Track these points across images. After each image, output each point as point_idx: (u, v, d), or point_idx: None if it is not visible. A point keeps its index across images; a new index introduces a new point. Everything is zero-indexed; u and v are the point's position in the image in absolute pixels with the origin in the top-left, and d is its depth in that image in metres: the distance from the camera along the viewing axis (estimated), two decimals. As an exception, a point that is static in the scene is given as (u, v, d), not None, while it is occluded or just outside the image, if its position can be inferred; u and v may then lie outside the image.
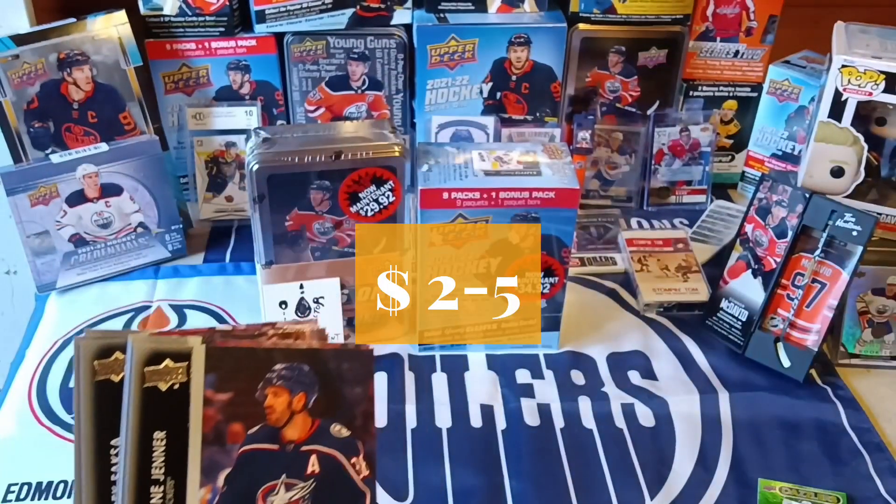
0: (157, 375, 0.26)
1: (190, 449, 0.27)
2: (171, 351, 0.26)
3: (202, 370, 0.27)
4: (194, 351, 0.27)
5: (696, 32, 1.03)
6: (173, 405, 0.27)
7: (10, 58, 0.84)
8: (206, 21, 0.95)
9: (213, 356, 0.27)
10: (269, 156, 0.72)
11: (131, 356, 0.26)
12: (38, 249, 0.87)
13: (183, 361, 0.27)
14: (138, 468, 0.26)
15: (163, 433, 0.27)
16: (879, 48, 0.82)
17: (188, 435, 0.27)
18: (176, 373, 0.26)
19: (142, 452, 0.26)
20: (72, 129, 0.89)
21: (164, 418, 0.27)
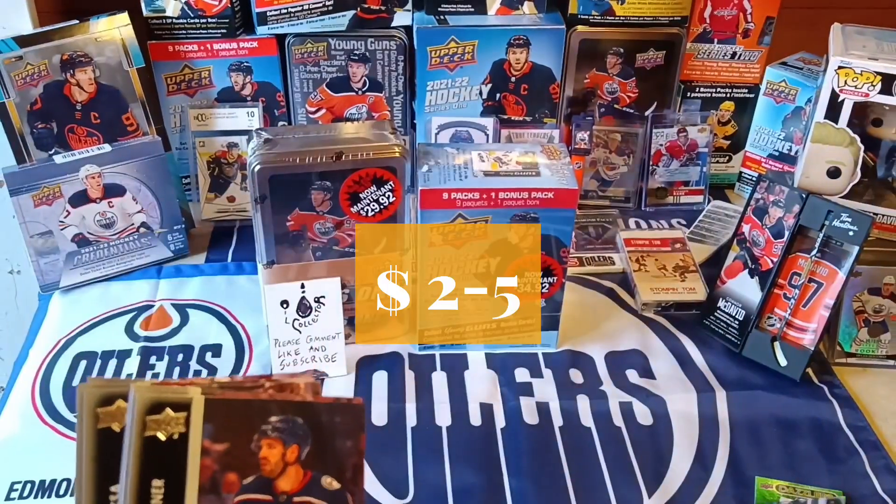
0: (157, 425, 0.27)
1: (187, 498, 0.28)
2: (172, 401, 0.27)
3: (201, 420, 0.28)
4: (194, 401, 0.27)
5: (693, 34, 1.04)
6: (172, 454, 0.27)
7: (14, 59, 0.85)
8: (208, 23, 0.95)
9: (211, 407, 0.28)
10: (270, 156, 0.73)
11: (133, 405, 0.27)
12: (42, 249, 0.87)
13: (183, 411, 0.28)
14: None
15: (161, 481, 0.27)
16: (876, 49, 0.83)
17: (185, 483, 0.28)
18: (176, 422, 0.27)
19: (140, 500, 0.27)
20: (75, 130, 0.90)
21: (162, 467, 0.27)
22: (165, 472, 0.27)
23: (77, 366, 0.80)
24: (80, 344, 0.83)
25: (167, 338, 0.84)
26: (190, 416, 0.27)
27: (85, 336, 0.84)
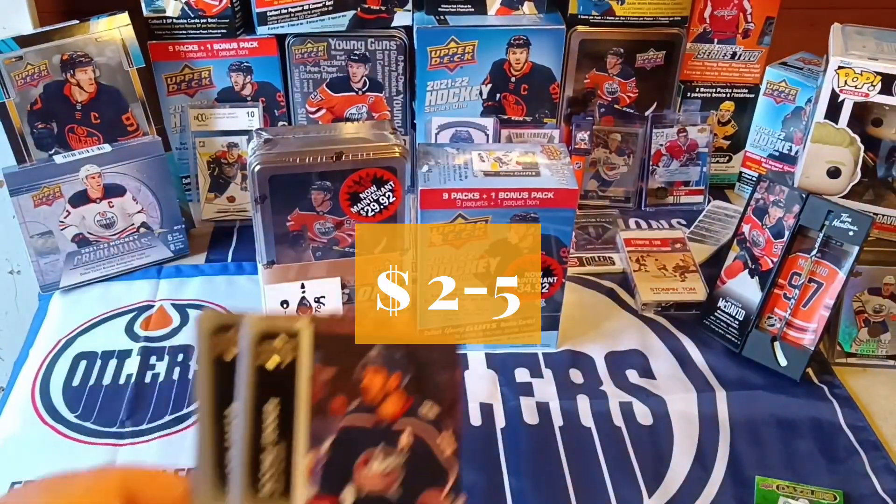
0: (269, 353, 0.30)
1: (298, 419, 0.30)
2: (282, 331, 0.30)
3: (309, 350, 0.30)
4: (302, 332, 0.30)
5: (693, 34, 1.04)
6: (283, 380, 0.30)
7: (14, 59, 0.85)
8: (208, 23, 0.95)
9: (318, 338, 0.30)
10: (270, 156, 0.73)
11: (246, 334, 0.30)
12: (42, 249, 0.87)
13: (292, 340, 0.30)
14: (252, 435, 0.29)
15: (275, 402, 0.30)
16: (876, 49, 0.83)
17: (296, 407, 0.30)
18: (286, 351, 0.30)
19: (255, 421, 0.30)
20: (75, 130, 0.90)
21: (275, 391, 0.30)
22: (278, 396, 0.30)
23: (77, 366, 0.80)
24: (80, 344, 0.83)
25: (167, 338, 0.84)
26: (299, 345, 0.30)
27: (85, 336, 0.84)
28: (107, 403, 0.76)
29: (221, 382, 0.30)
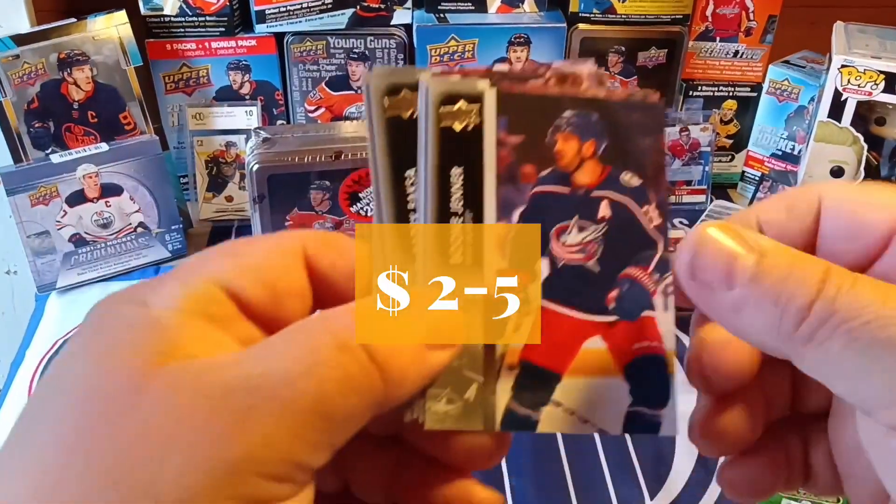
0: (452, 116, 0.28)
1: (485, 186, 0.28)
2: (464, 93, 0.28)
3: (494, 113, 0.28)
4: (486, 94, 0.27)
5: (695, 32, 1.03)
6: (468, 144, 0.28)
7: (11, 58, 0.84)
8: (206, 21, 0.95)
9: (504, 100, 0.28)
10: (269, 156, 0.72)
11: (426, 96, 0.28)
12: (39, 249, 0.87)
13: (475, 103, 0.28)
14: (438, 202, 0.28)
15: (460, 170, 0.28)
16: (879, 48, 0.82)
17: (483, 173, 0.28)
18: (469, 114, 0.28)
19: (441, 187, 0.28)
20: (72, 129, 0.89)
21: (459, 156, 0.28)
22: (463, 161, 0.28)
23: (74, 367, 0.80)
24: (77, 345, 0.82)
25: (165, 338, 0.83)
26: (483, 108, 0.28)
27: (82, 337, 0.83)
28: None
29: (399, 143, 0.28)
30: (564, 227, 0.29)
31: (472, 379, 0.28)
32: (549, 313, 0.29)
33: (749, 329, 0.25)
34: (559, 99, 0.28)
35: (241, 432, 0.22)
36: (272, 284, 0.27)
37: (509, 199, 0.28)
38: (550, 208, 0.29)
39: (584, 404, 0.28)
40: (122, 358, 0.23)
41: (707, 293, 0.26)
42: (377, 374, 0.24)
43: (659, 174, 0.29)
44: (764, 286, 0.24)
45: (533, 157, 0.28)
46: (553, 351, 0.29)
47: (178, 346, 0.23)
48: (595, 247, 0.29)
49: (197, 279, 0.26)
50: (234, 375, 0.23)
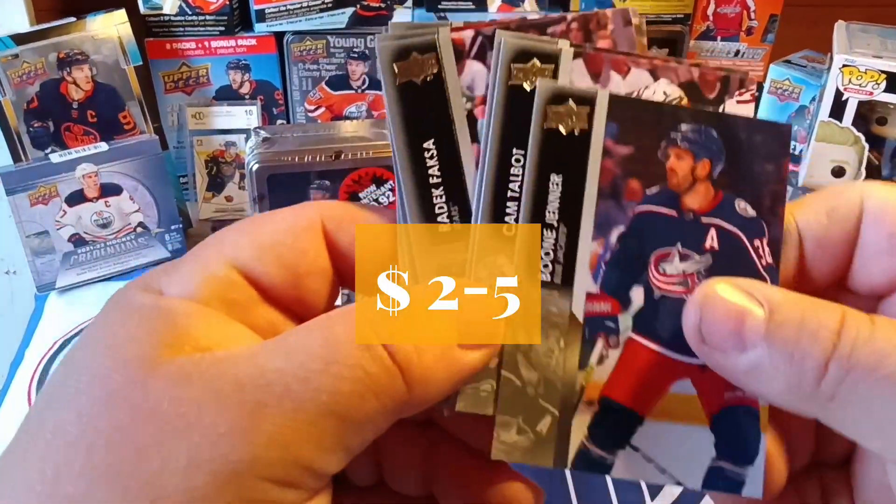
0: (559, 117, 0.25)
1: (585, 201, 0.25)
2: (573, 94, 0.25)
3: (604, 119, 0.25)
4: (598, 97, 0.25)
5: (696, 32, 1.03)
6: (572, 151, 0.25)
7: (10, 57, 0.84)
8: (205, 20, 0.94)
9: (616, 105, 0.25)
10: (268, 155, 0.72)
11: (539, 94, 0.25)
12: (38, 249, 0.87)
13: (585, 105, 0.25)
14: (533, 210, 0.25)
15: (559, 178, 0.25)
16: (880, 47, 0.82)
17: (584, 183, 0.25)
18: (578, 117, 0.25)
19: (537, 195, 0.25)
20: (71, 129, 0.89)
21: (561, 163, 0.25)
22: (564, 169, 0.25)
23: (73, 367, 0.79)
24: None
25: (164, 339, 0.83)
26: (594, 113, 0.25)
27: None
28: (103, 405, 0.75)
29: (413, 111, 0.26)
30: (666, 254, 0.26)
31: (547, 410, 0.26)
32: (637, 347, 0.26)
33: (768, 390, 0.23)
34: (677, 110, 0.26)
35: (249, 431, 0.20)
36: (293, 265, 0.25)
37: (610, 217, 0.26)
38: (654, 231, 0.26)
39: (664, 453, 0.26)
40: (129, 350, 0.22)
41: (720, 356, 0.24)
42: (399, 374, 0.22)
43: (777, 205, 0.26)
44: (777, 344, 0.23)
45: (641, 171, 0.26)
46: (638, 390, 0.26)
47: (188, 337, 0.22)
48: (697, 280, 0.26)
49: (214, 262, 0.25)
50: (246, 369, 0.21)
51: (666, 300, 0.26)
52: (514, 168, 0.26)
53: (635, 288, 0.26)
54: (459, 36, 0.27)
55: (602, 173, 0.26)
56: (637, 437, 0.26)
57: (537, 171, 0.25)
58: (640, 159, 0.26)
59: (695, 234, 0.26)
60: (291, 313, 0.26)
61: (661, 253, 0.26)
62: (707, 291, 0.24)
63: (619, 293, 0.26)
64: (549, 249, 0.26)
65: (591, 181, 0.26)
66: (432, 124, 0.27)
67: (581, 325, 0.26)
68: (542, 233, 0.26)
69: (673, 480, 0.26)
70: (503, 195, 0.26)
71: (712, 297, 0.24)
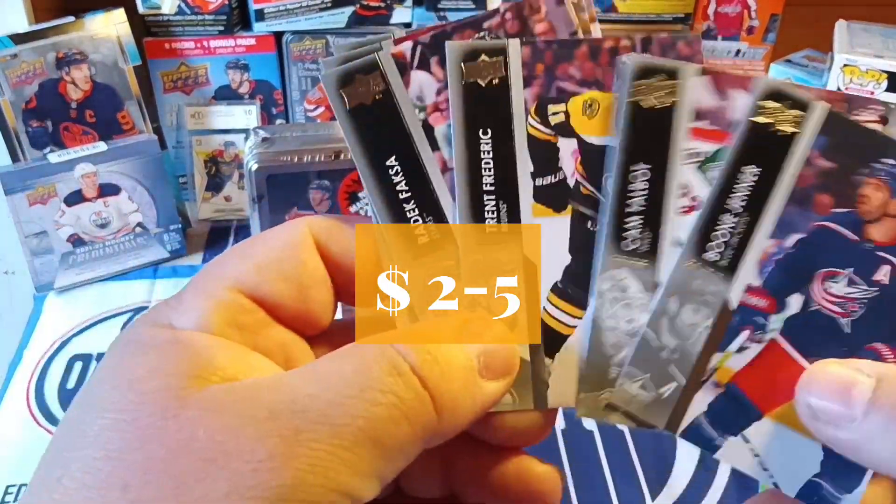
0: (773, 114, 0.27)
1: (773, 198, 0.26)
2: (790, 97, 0.26)
3: (815, 129, 0.26)
4: (813, 108, 0.26)
5: (697, 31, 1.03)
6: (773, 147, 0.26)
7: (9, 57, 0.84)
8: (204, 20, 0.94)
9: (832, 121, 0.26)
10: (268, 155, 0.72)
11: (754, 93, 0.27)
12: (37, 249, 0.86)
13: (798, 110, 0.26)
14: (719, 196, 0.27)
15: (757, 171, 0.26)
16: (881, 47, 0.82)
17: (777, 182, 0.27)
18: (788, 119, 0.27)
19: (727, 183, 0.27)
20: (70, 129, 0.89)
21: (760, 156, 0.26)
22: (762, 164, 0.27)
23: (72, 368, 0.79)
24: (75, 345, 0.82)
25: (163, 339, 0.83)
26: (804, 120, 0.26)
27: (80, 337, 0.83)
28: (102, 406, 0.75)
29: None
30: (835, 273, 0.27)
31: (674, 377, 0.27)
32: (779, 350, 0.27)
33: (878, 459, 0.24)
34: (889, 143, 0.26)
35: (289, 457, 0.20)
36: (296, 278, 0.26)
37: (792, 221, 0.27)
38: (829, 248, 0.27)
39: (772, 452, 0.27)
40: (153, 384, 0.22)
41: (831, 429, 0.24)
42: (430, 401, 0.23)
43: None
44: (884, 409, 0.23)
45: (835, 189, 0.27)
46: (766, 388, 0.27)
47: (212, 367, 0.22)
48: (856, 307, 0.27)
49: (219, 288, 0.25)
50: (280, 396, 0.21)
51: (819, 315, 0.27)
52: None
53: (795, 294, 0.27)
54: (399, 50, 0.27)
55: (799, 179, 0.26)
56: (751, 430, 0.27)
57: (736, 158, 0.26)
58: (838, 178, 0.26)
59: (868, 264, 0.27)
60: (298, 331, 0.27)
61: (830, 270, 0.27)
62: (816, 368, 0.25)
63: (778, 294, 0.27)
64: (725, 232, 0.27)
65: (785, 183, 0.26)
66: (391, 141, 0.27)
67: (732, 311, 0.27)
68: (721, 216, 0.27)
69: (771, 481, 0.27)
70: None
71: (822, 371, 0.25)
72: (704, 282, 0.27)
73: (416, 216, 0.28)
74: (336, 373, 0.22)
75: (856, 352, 0.27)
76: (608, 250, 0.28)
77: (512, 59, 0.27)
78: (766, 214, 0.27)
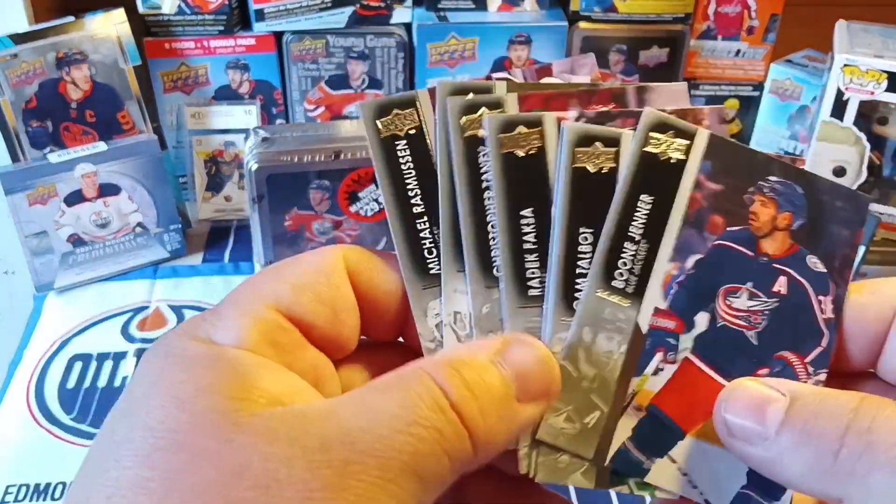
0: (658, 144, 0.28)
1: (670, 224, 0.28)
2: (676, 126, 0.28)
3: (701, 154, 0.28)
4: (698, 135, 0.28)
5: (697, 31, 1.03)
6: (667, 176, 0.28)
7: (9, 57, 0.84)
8: (204, 20, 0.94)
9: (715, 146, 0.28)
10: (268, 155, 0.72)
11: (642, 126, 0.28)
12: (37, 249, 0.86)
13: (685, 140, 0.28)
14: (618, 222, 0.28)
15: (651, 198, 0.28)
16: (881, 47, 0.82)
17: (671, 208, 0.28)
18: (676, 148, 0.28)
19: (625, 210, 0.28)
20: (70, 129, 0.89)
21: (654, 185, 0.28)
22: (656, 192, 0.28)
23: (72, 368, 0.79)
24: (75, 345, 0.82)
25: (163, 339, 0.83)
26: (692, 147, 0.28)
27: (80, 337, 0.83)
28: (102, 406, 0.75)
29: (514, 181, 0.28)
30: (736, 288, 0.28)
31: (597, 406, 0.28)
32: (692, 369, 0.28)
33: (790, 474, 0.24)
34: (770, 161, 0.28)
35: (340, 488, 0.21)
36: (331, 302, 0.27)
37: (690, 244, 0.28)
38: (728, 265, 0.28)
39: (699, 470, 0.28)
40: (203, 403, 0.22)
41: (744, 445, 0.25)
42: (467, 437, 0.24)
43: (845, 269, 0.28)
44: (797, 425, 0.24)
45: (726, 209, 0.28)
46: (686, 407, 0.28)
47: (258, 389, 0.23)
48: (760, 319, 0.28)
49: (258, 306, 0.26)
50: (330, 427, 0.22)
51: (726, 330, 0.28)
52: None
53: (701, 313, 0.28)
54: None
55: (690, 203, 0.28)
56: (676, 450, 0.28)
57: (630, 188, 0.27)
58: (727, 198, 0.28)
59: (766, 277, 0.28)
60: (327, 353, 0.27)
61: (731, 287, 0.28)
62: (734, 385, 0.26)
63: (685, 314, 0.28)
64: (627, 260, 0.28)
65: (679, 208, 0.28)
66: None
67: (644, 335, 0.28)
68: (622, 245, 0.28)
69: (701, 498, 0.28)
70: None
71: (738, 389, 0.26)
72: (614, 309, 0.28)
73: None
74: (382, 407, 0.23)
75: (765, 362, 0.28)
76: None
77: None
78: (664, 240, 0.28)
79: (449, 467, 0.23)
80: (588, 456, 0.28)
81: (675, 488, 0.28)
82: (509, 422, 0.25)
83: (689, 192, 0.28)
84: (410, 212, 0.29)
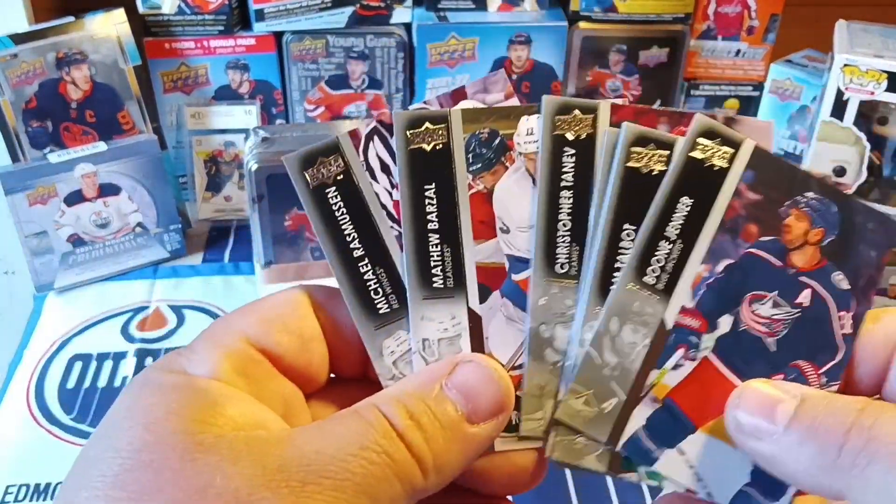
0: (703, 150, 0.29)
1: (706, 227, 0.29)
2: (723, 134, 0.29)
3: (744, 163, 0.29)
4: (744, 145, 0.29)
5: (697, 31, 1.03)
6: (708, 181, 0.29)
7: (9, 57, 0.84)
8: (204, 20, 0.94)
9: (758, 157, 0.29)
10: (268, 155, 0.72)
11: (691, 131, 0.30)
12: (37, 249, 0.86)
13: (731, 147, 0.29)
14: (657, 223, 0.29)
15: (690, 201, 0.29)
16: (881, 47, 0.82)
17: (708, 213, 0.29)
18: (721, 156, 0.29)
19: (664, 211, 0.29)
20: (70, 129, 0.89)
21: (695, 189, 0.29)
22: (696, 195, 0.29)
23: (72, 368, 0.79)
24: (75, 345, 0.82)
25: (163, 339, 0.83)
26: (736, 155, 0.29)
27: (80, 337, 0.83)
28: (102, 406, 0.75)
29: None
30: (761, 296, 0.29)
31: (615, 393, 0.29)
32: (711, 368, 0.29)
33: (796, 470, 0.25)
34: (810, 178, 0.29)
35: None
36: (297, 331, 0.28)
37: (723, 248, 0.29)
38: (756, 273, 0.29)
39: (706, 464, 0.29)
40: (170, 426, 0.24)
41: (754, 442, 0.26)
42: (415, 463, 0.25)
43: (869, 289, 0.29)
44: (804, 424, 0.25)
45: (761, 219, 0.29)
46: (700, 403, 0.29)
47: (224, 416, 0.24)
48: (781, 327, 0.29)
49: (229, 339, 0.27)
50: (290, 451, 0.24)
51: (747, 334, 0.29)
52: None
53: (726, 316, 0.29)
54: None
55: (728, 210, 0.29)
56: (686, 443, 0.29)
57: (672, 189, 0.29)
58: (764, 209, 0.29)
59: (791, 288, 0.29)
60: (299, 384, 0.29)
61: (757, 294, 0.29)
62: (746, 386, 0.27)
63: (710, 315, 0.29)
64: (661, 258, 0.29)
65: (717, 213, 0.29)
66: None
67: (668, 331, 0.29)
68: (658, 242, 0.29)
69: (705, 491, 0.29)
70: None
71: (751, 389, 0.27)
72: (643, 303, 0.29)
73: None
74: (339, 433, 0.25)
75: (780, 368, 0.29)
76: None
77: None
78: (699, 242, 0.29)
79: (401, 491, 0.25)
80: (602, 439, 0.29)
81: (682, 479, 0.29)
82: (461, 443, 0.26)
83: (729, 200, 0.29)
84: (351, 256, 0.30)
